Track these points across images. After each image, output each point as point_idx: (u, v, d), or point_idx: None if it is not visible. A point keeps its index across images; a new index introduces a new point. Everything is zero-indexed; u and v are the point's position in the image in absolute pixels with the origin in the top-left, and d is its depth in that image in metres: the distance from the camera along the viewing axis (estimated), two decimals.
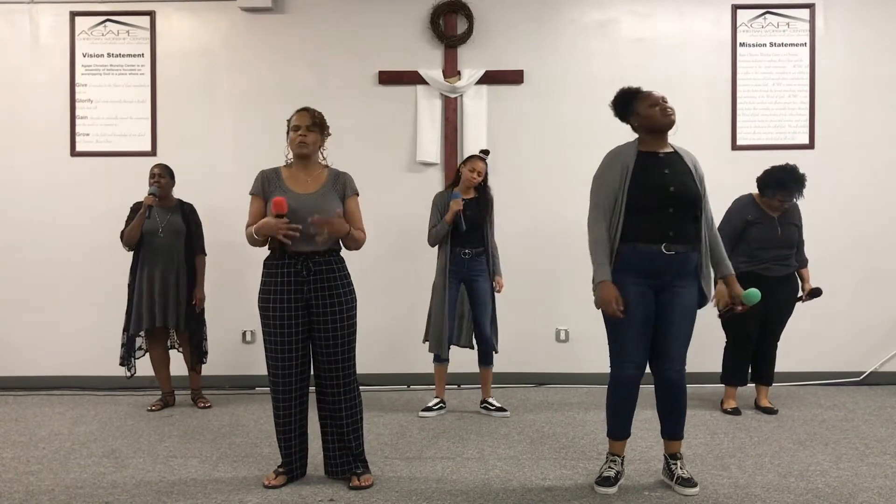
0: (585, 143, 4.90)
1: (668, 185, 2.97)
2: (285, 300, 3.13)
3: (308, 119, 3.21)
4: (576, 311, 4.99)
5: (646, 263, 2.98)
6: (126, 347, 4.58)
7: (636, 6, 5.36)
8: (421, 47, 5.34)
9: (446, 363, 4.48)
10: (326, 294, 3.14)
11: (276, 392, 3.18)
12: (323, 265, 3.14)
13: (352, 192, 3.27)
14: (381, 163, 5.28)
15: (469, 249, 4.36)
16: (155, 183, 4.54)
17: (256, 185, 3.23)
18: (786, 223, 4.36)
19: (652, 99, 3.04)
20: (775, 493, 3.06)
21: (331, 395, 3.20)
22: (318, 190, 3.19)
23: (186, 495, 3.08)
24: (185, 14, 5.37)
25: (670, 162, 3.04)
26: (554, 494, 3.08)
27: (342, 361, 3.18)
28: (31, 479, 3.30)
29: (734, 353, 4.48)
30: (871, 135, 5.29)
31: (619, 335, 3.05)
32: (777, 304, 4.37)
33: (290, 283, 3.13)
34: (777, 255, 4.34)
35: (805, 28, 5.31)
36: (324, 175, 3.25)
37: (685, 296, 3.03)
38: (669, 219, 2.97)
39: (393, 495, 3.07)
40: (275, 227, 3.03)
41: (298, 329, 3.15)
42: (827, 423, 4.19)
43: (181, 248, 4.57)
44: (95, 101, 5.35)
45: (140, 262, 4.56)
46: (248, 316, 5.21)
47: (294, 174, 3.23)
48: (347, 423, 3.20)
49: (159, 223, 4.54)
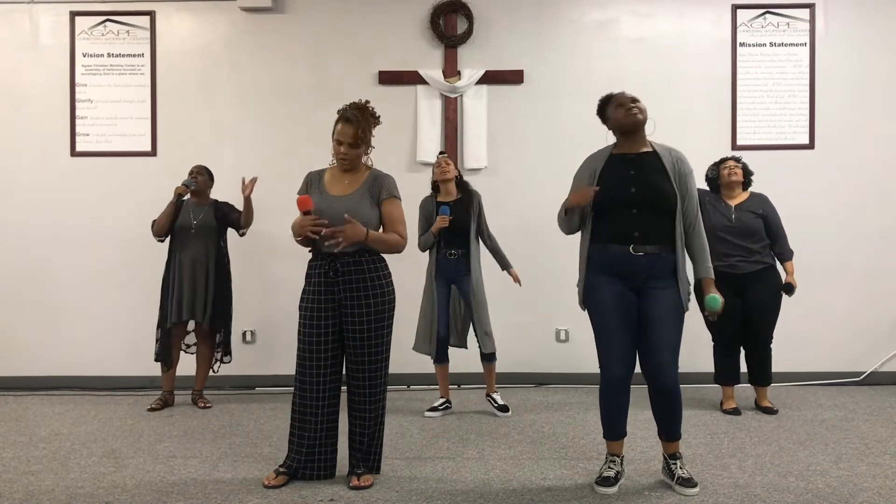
0: (585, 143, 4.87)
1: (630, 186, 2.99)
2: (317, 300, 3.16)
3: (351, 135, 3.14)
4: (576, 311, 4.94)
5: (616, 264, 3.02)
6: (161, 342, 4.60)
7: (636, 6, 5.36)
8: (421, 47, 5.34)
9: (446, 363, 4.49)
10: (355, 295, 3.14)
11: (303, 391, 3.18)
12: (352, 265, 3.14)
13: (388, 194, 3.23)
14: (381, 163, 5.16)
15: (455, 251, 4.37)
16: (192, 178, 4.63)
17: (302, 186, 3.28)
18: (743, 210, 4.33)
19: (618, 100, 3.09)
20: (775, 493, 3.06)
21: (356, 394, 3.22)
22: (353, 193, 3.20)
23: (186, 495, 3.08)
24: (185, 14, 5.37)
25: (640, 163, 3.05)
26: (554, 494, 3.08)
27: (368, 363, 3.18)
28: (31, 479, 3.30)
29: (720, 354, 4.47)
30: (871, 135, 5.29)
31: (602, 337, 3.06)
32: (755, 303, 4.32)
33: (322, 283, 3.16)
34: (735, 243, 4.28)
35: (805, 28, 5.31)
36: (363, 177, 3.25)
37: (664, 297, 3.01)
38: (634, 219, 2.98)
39: (393, 495, 3.07)
40: (301, 224, 3.06)
41: (328, 329, 3.16)
42: (827, 423, 4.19)
43: (212, 245, 4.63)
44: (95, 101, 5.35)
45: (172, 258, 4.62)
46: (249, 316, 5.24)
47: (336, 176, 3.25)
48: (368, 425, 3.21)
49: (192, 219, 4.61)
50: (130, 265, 5.23)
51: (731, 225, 4.30)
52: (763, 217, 4.35)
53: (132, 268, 5.22)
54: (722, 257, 4.29)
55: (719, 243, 4.28)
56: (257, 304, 5.26)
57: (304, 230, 3.06)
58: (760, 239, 4.33)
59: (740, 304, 4.33)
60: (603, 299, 3.03)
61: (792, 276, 4.40)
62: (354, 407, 3.23)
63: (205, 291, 4.59)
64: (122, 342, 5.25)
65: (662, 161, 3.05)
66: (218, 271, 4.64)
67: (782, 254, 4.42)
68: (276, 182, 4.89)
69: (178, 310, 4.56)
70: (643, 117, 3.06)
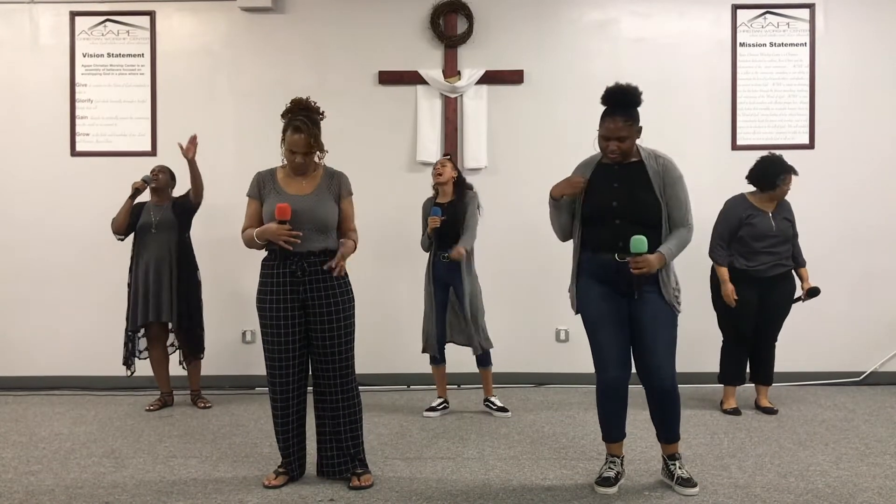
0: (585, 143, 4.87)
1: (612, 200, 3.01)
2: (281, 300, 3.14)
3: (303, 145, 3.11)
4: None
5: (603, 271, 3.04)
6: (127, 346, 4.59)
7: (636, 6, 5.35)
8: (421, 47, 5.34)
9: (442, 364, 4.50)
10: (322, 294, 3.14)
11: (275, 392, 3.19)
12: (318, 265, 3.14)
13: (347, 193, 3.27)
14: (381, 163, 5.28)
15: (448, 253, 4.34)
16: (154, 175, 4.61)
17: (252, 187, 3.24)
18: (779, 217, 4.35)
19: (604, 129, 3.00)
20: (775, 493, 3.06)
21: (329, 396, 3.20)
22: (313, 192, 3.19)
23: (186, 495, 3.08)
24: (185, 14, 5.37)
25: (624, 175, 3.04)
26: (554, 494, 3.08)
27: (339, 362, 3.18)
28: (31, 479, 3.30)
29: (730, 353, 4.48)
30: (871, 135, 5.29)
31: (595, 340, 3.07)
32: (772, 304, 4.37)
33: (286, 283, 3.14)
34: (772, 250, 4.31)
35: (805, 28, 5.31)
36: (318, 175, 3.24)
37: (654, 301, 3.01)
38: (617, 230, 2.99)
39: (393, 495, 3.07)
40: (276, 232, 3.05)
41: (295, 329, 3.16)
42: (827, 423, 4.19)
43: (174, 242, 4.58)
44: (95, 101, 5.35)
45: (135, 259, 4.61)
46: (248, 316, 5.18)
47: (289, 175, 3.23)
48: (345, 424, 3.21)
49: (153, 218, 4.58)
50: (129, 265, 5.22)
51: (774, 234, 4.32)
52: (790, 222, 4.41)
53: None
54: (757, 260, 4.32)
55: (760, 250, 4.31)
56: None
57: (277, 239, 3.04)
58: (789, 241, 4.39)
59: (758, 305, 4.36)
60: (593, 303, 3.06)
61: (808, 281, 4.47)
62: (333, 410, 3.20)
63: (169, 291, 4.54)
64: (122, 342, 5.23)
65: (648, 172, 3.03)
66: (181, 269, 4.58)
67: (799, 260, 4.47)
68: None
69: (143, 312, 4.52)
70: (621, 159, 3.02)
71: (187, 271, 4.62)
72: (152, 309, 4.52)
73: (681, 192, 3.04)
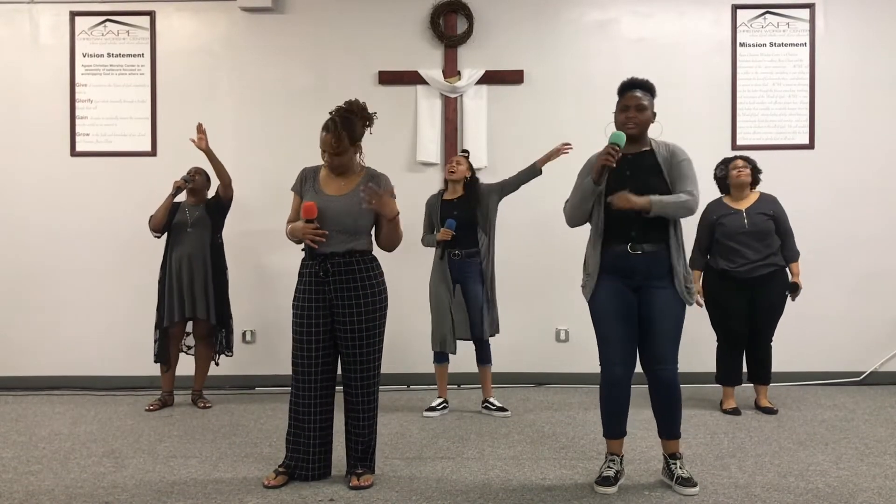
0: (585, 143, 4.88)
1: (625, 188, 3.01)
2: (309, 299, 3.17)
3: (331, 145, 3.12)
4: (576, 311, 4.96)
5: (618, 263, 3.06)
6: (160, 343, 4.61)
7: (636, 6, 5.36)
8: (421, 47, 5.34)
9: (446, 363, 4.50)
10: (346, 294, 3.15)
11: (297, 390, 3.20)
12: (342, 266, 3.15)
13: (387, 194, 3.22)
14: (380, 163, 5.17)
15: (459, 251, 4.35)
16: (191, 176, 4.66)
17: (296, 182, 3.29)
18: (754, 213, 4.34)
19: (623, 101, 3.10)
20: (775, 493, 3.06)
21: (350, 394, 3.22)
22: (349, 192, 3.20)
23: (186, 495, 3.08)
24: (185, 14, 5.37)
25: (636, 164, 3.08)
26: (554, 494, 3.08)
27: (361, 363, 3.18)
28: (31, 479, 3.30)
29: (725, 353, 4.47)
30: (871, 135, 5.29)
31: (602, 335, 3.10)
32: (763, 306, 4.35)
33: (313, 283, 3.17)
34: (747, 247, 4.29)
35: (805, 28, 5.31)
36: (359, 176, 3.25)
37: (663, 295, 3.05)
38: (631, 219, 3.02)
39: (393, 495, 3.07)
40: (302, 231, 3.10)
41: (319, 329, 3.17)
42: (827, 423, 4.19)
43: (207, 241, 4.64)
44: (95, 101, 5.35)
45: (169, 257, 4.63)
46: (249, 316, 5.24)
47: (331, 175, 3.25)
48: (353, 424, 3.22)
49: (188, 217, 4.62)
50: (130, 265, 5.22)
51: (745, 230, 4.31)
52: (774, 218, 4.36)
53: (132, 267, 5.20)
54: (737, 261, 4.31)
55: (735, 248, 4.31)
56: (257, 304, 5.25)
57: (304, 238, 3.11)
58: (773, 241, 4.35)
59: (749, 306, 4.35)
60: (604, 298, 3.08)
61: (798, 277, 4.41)
62: (350, 407, 3.24)
63: (204, 287, 4.59)
64: (122, 342, 5.24)
65: (658, 159, 3.08)
66: (215, 267, 4.66)
67: (789, 255, 4.43)
68: (275, 182, 4.88)
69: (179, 308, 4.56)
70: (637, 132, 3.07)
71: (220, 270, 4.70)
72: (188, 306, 4.57)
73: (687, 169, 3.08)
